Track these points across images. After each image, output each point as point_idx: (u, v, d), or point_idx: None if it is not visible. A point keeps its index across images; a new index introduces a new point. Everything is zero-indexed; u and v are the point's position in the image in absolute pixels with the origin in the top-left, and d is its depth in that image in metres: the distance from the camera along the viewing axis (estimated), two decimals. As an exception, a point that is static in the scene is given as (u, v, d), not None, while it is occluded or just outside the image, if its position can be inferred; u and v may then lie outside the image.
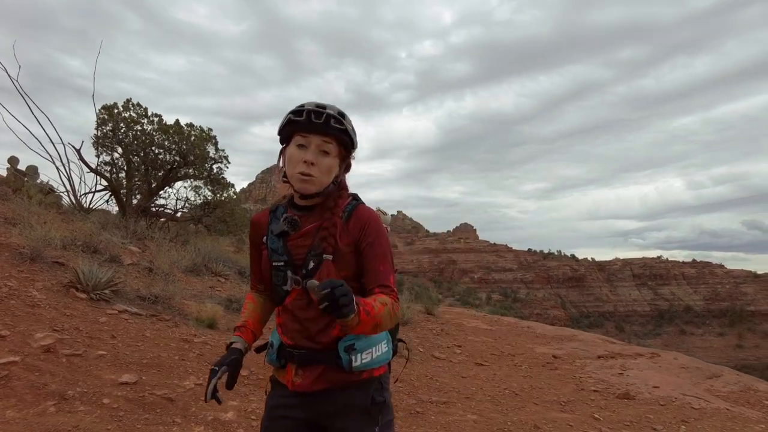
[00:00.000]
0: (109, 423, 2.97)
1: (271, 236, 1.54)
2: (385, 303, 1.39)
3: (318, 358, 1.47)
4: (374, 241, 1.49)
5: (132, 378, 3.60)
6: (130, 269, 6.58)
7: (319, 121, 1.44)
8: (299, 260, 1.48)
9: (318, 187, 1.48)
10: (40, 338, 3.68)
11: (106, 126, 10.18)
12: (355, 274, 1.50)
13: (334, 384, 1.47)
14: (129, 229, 8.65)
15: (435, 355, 6.81)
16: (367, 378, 1.50)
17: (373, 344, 1.49)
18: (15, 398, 2.91)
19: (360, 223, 1.50)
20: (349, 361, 1.45)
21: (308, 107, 1.45)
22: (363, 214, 1.52)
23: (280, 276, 1.51)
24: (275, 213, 1.59)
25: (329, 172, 1.49)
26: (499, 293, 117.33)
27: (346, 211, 1.52)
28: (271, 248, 1.53)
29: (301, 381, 1.49)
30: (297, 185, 1.47)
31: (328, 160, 1.48)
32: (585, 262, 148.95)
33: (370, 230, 1.50)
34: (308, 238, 1.49)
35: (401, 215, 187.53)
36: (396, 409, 4.33)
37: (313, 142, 1.45)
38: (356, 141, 1.54)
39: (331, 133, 1.45)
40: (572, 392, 5.64)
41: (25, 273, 4.96)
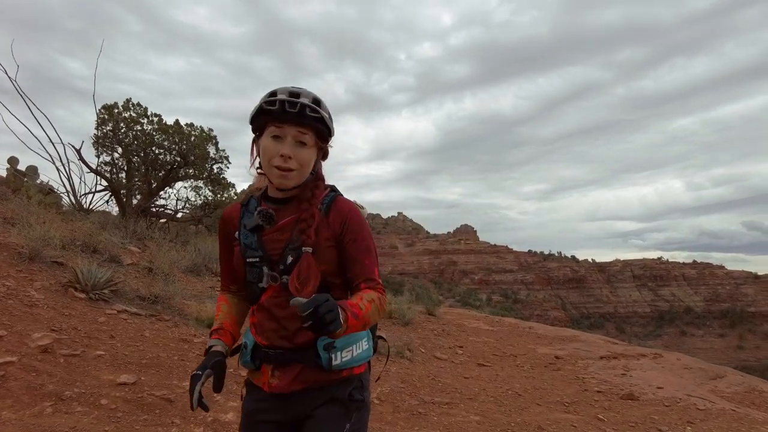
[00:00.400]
0: (107, 424, 2.93)
1: (243, 231, 1.46)
2: (372, 300, 1.36)
3: (295, 357, 1.41)
4: (357, 236, 1.44)
5: (131, 378, 3.56)
6: (129, 269, 6.54)
7: (293, 111, 1.35)
8: (275, 255, 1.41)
9: (297, 181, 1.42)
10: (38, 338, 3.63)
11: (106, 126, 10.14)
12: (336, 268, 1.44)
13: (313, 384, 1.41)
14: (129, 229, 8.61)
15: (437, 355, 6.75)
16: (347, 376, 1.45)
17: (354, 342, 1.44)
18: (11, 399, 2.86)
19: (341, 217, 1.44)
20: (328, 359, 1.39)
21: (281, 95, 1.36)
22: (343, 206, 1.46)
23: (255, 273, 1.43)
24: (247, 207, 1.50)
25: (308, 164, 1.42)
26: (500, 294, 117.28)
27: (325, 203, 1.45)
28: (245, 244, 1.45)
29: (278, 382, 1.42)
30: (275, 180, 1.40)
31: (305, 151, 1.40)
32: (585, 263, 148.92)
33: (353, 224, 1.44)
34: (285, 231, 1.42)
35: (401, 216, 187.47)
36: (398, 410, 4.28)
37: (288, 134, 1.37)
38: (333, 128, 1.46)
39: (307, 123, 1.37)
40: (576, 393, 5.59)
41: (23, 273, 4.91)
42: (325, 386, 1.42)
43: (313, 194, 1.44)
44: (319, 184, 1.48)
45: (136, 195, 10.48)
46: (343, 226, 1.43)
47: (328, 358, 1.39)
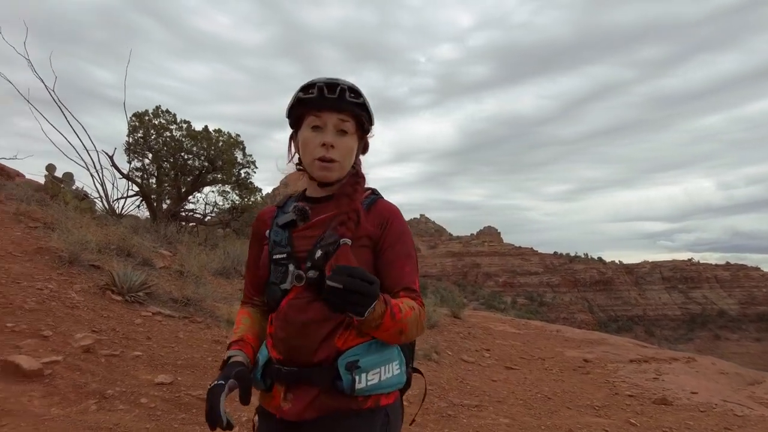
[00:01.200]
0: (148, 422, 3.03)
1: (275, 228, 1.34)
2: (412, 307, 1.20)
3: (312, 377, 1.20)
4: (399, 240, 1.30)
5: (167, 378, 3.67)
6: (161, 272, 6.72)
7: (333, 96, 1.25)
8: (303, 253, 1.26)
9: (340, 173, 1.31)
10: (80, 339, 3.77)
11: (137, 133, 10.43)
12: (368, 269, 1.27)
13: (330, 412, 1.19)
14: (160, 233, 8.83)
15: (464, 358, 6.74)
16: (372, 407, 1.21)
17: (383, 363, 1.22)
18: (59, 396, 2.99)
19: (381, 218, 1.30)
20: (351, 381, 1.17)
21: (319, 82, 1.27)
22: (385, 208, 1.33)
23: (280, 272, 1.27)
24: (283, 208, 1.39)
25: (350, 153, 1.32)
26: (525, 297, 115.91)
27: (365, 203, 1.32)
28: (274, 241, 1.32)
29: (289, 407, 1.20)
30: (317, 173, 1.29)
31: (347, 140, 1.30)
32: (612, 264, 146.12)
33: (394, 227, 1.30)
34: (318, 228, 1.27)
35: (423, 218, 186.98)
36: (427, 412, 4.30)
37: (329, 122, 1.27)
38: (373, 117, 1.36)
39: (347, 109, 1.28)
40: (606, 397, 5.52)
41: (64, 276, 5.10)
42: (344, 418, 1.19)
43: (354, 189, 1.32)
44: (360, 181, 1.36)
45: (166, 200, 10.74)
46: (383, 228, 1.29)
47: (351, 380, 1.17)
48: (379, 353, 1.22)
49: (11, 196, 7.36)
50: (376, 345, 1.23)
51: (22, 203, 7.07)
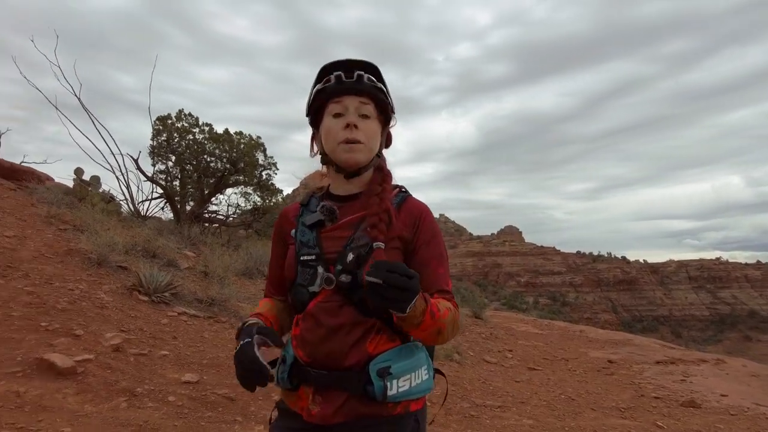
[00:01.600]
0: (176, 420, 3.09)
1: (301, 228, 1.29)
2: (449, 308, 1.18)
3: (343, 382, 1.17)
4: (431, 240, 1.26)
5: (194, 377, 3.74)
6: (186, 273, 6.84)
7: (351, 79, 1.23)
8: (333, 254, 1.22)
9: (366, 156, 1.26)
10: (110, 338, 3.87)
11: (160, 136, 10.64)
12: None
13: (360, 417, 1.17)
14: (184, 234, 9.00)
15: (486, 359, 6.71)
16: (402, 413, 1.19)
17: (413, 369, 1.20)
18: (91, 393, 3.08)
19: (412, 218, 1.27)
20: (383, 388, 1.14)
21: (335, 70, 1.24)
22: (416, 206, 1.30)
23: (308, 274, 1.23)
24: (308, 206, 1.34)
25: (374, 136, 1.28)
26: (547, 297, 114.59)
27: (395, 201, 1.28)
28: (301, 241, 1.27)
29: (318, 410, 1.18)
30: (342, 157, 1.25)
31: (370, 123, 1.27)
32: (636, 264, 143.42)
33: (426, 227, 1.27)
34: (347, 229, 1.24)
35: (443, 218, 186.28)
36: (450, 412, 4.29)
37: (350, 105, 1.25)
38: (393, 104, 1.33)
39: (367, 91, 1.25)
40: (631, 398, 5.43)
41: (93, 277, 5.24)
42: (374, 423, 1.18)
43: (383, 188, 1.27)
44: (387, 179, 1.31)
45: (189, 201, 10.93)
46: (415, 229, 1.26)
47: (383, 387, 1.15)
48: (409, 359, 1.20)
49: (42, 200, 7.58)
50: (406, 350, 1.22)
51: (52, 206, 7.28)
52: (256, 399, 3.64)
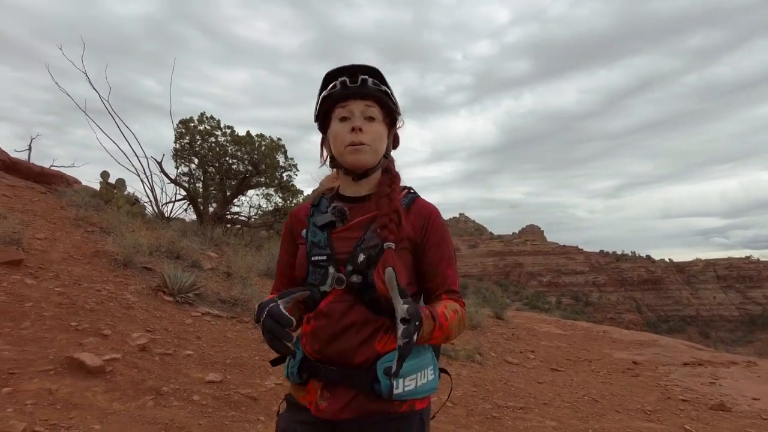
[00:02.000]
0: (200, 418, 3.15)
1: (312, 228, 1.32)
2: (456, 311, 1.23)
3: (351, 378, 1.21)
4: (440, 242, 1.30)
5: (217, 377, 3.80)
6: (209, 274, 6.95)
7: (355, 84, 1.26)
8: (344, 255, 1.25)
9: (373, 158, 1.29)
10: (136, 338, 3.96)
11: (183, 139, 10.82)
12: (408, 276, 1.27)
13: (366, 414, 1.20)
14: (207, 235, 9.13)
15: (508, 360, 6.66)
16: (407, 411, 1.23)
17: (419, 368, 1.23)
18: (119, 392, 3.15)
19: (422, 219, 1.30)
20: (389, 386, 1.18)
21: (340, 75, 1.28)
22: (425, 208, 1.33)
23: (319, 274, 1.26)
24: (318, 206, 1.37)
25: (380, 138, 1.30)
26: (570, 297, 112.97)
27: (404, 202, 1.31)
28: (312, 242, 1.30)
29: (326, 405, 1.21)
30: (349, 159, 1.28)
31: (375, 125, 1.29)
32: (662, 263, 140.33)
33: (435, 228, 1.30)
34: (357, 230, 1.27)
35: (463, 217, 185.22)
36: (472, 413, 4.27)
37: (356, 109, 1.28)
38: (398, 106, 1.35)
39: (372, 95, 1.28)
40: (657, 401, 5.32)
41: (119, 277, 5.36)
42: (381, 421, 1.21)
43: (392, 189, 1.30)
44: (395, 180, 1.34)
45: (212, 203, 11.09)
46: (424, 230, 1.29)
47: (389, 385, 1.18)
48: (416, 359, 1.22)
49: (71, 203, 7.78)
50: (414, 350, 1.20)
51: (80, 209, 7.47)
52: (279, 399, 3.67)
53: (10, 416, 2.60)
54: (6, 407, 2.70)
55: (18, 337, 3.46)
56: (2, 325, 3.53)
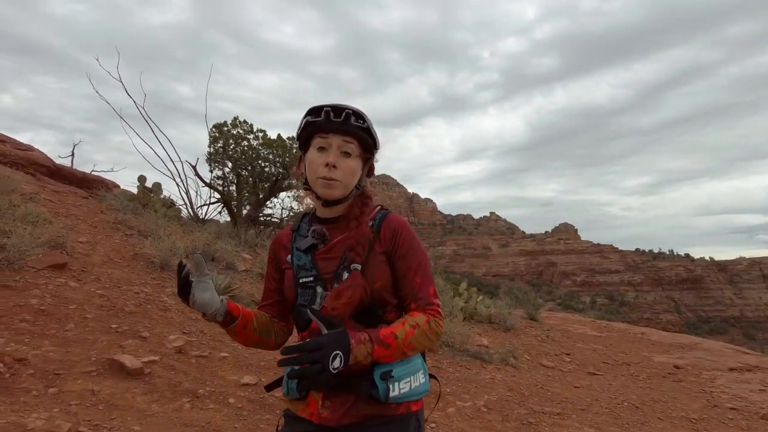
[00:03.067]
0: (236, 421, 3.18)
1: (296, 253, 1.43)
2: (416, 324, 1.30)
3: (350, 386, 1.30)
4: (407, 252, 1.38)
5: (252, 379, 3.84)
6: (243, 275, 7.05)
7: (338, 120, 1.34)
8: (329, 274, 1.36)
9: (342, 192, 1.38)
10: (173, 340, 4.04)
11: (217, 143, 11.02)
12: (391, 285, 1.37)
13: (366, 418, 1.30)
14: (240, 237, 9.28)
15: (543, 363, 6.51)
16: (404, 413, 1.34)
17: (412, 372, 1.34)
18: (157, 394, 3.22)
19: (391, 231, 1.39)
20: (386, 390, 1.28)
21: (326, 107, 1.36)
22: (393, 221, 1.42)
23: (308, 294, 1.37)
24: (298, 231, 1.48)
25: (353, 174, 1.39)
26: (605, 297, 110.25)
27: (376, 219, 1.41)
28: (298, 265, 1.41)
29: (328, 413, 1.30)
30: (320, 191, 1.38)
31: (350, 161, 1.38)
32: (702, 261, 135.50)
33: (402, 239, 1.39)
34: (338, 250, 1.38)
35: (494, 216, 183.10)
36: (507, 419, 4.19)
37: (333, 143, 1.36)
38: (378, 141, 1.44)
39: (352, 132, 1.36)
40: (703, 408, 5.11)
41: (157, 280, 5.49)
42: (379, 423, 1.31)
43: (361, 211, 1.41)
44: (367, 202, 1.45)
45: (245, 205, 11.26)
46: (393, 241, 1.39)
47: (386, 389, 1.28)
48: (407, 364, 1.34)
49: (110, 207, 8.03)
50: None
51: (119, 213, 7.69)
52: (313, 402, 3.68)
53: (56, 416, 2.68)
54: (53, 407, 2.79)
55: (63, 338, 3.57)
56: (49, 327, 3.65)
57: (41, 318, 3.73)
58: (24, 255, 4.49)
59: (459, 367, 5.50)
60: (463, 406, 4.32)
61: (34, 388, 2.93)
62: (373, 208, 1.44)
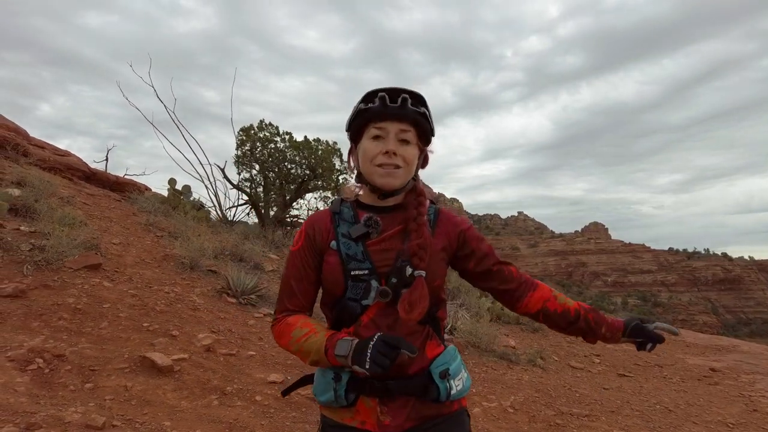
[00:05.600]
0: (263, 419, 3.24)
1: (343, 240, 1.28)
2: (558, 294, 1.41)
3: (407, 389, 1.22)
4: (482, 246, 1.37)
5: (279, 378, 3.89)
6: (271, 275, 7.15)
7: (395, 105, 1.23)
8: (384, 268, 1.24)
9: (402, 181, 1.28)
10: (202, 338, 4.13)
11: (244, 146, 11.22)
12: (442, 282, 1.32)
13: (428, 419, 1.24)
14: (268, 238, 9.42)
15: (571, 364, 6.40)
16: (458, 409, 1.30)
17: (462, 369, 1.33)
18: (187, 391, 3.30)
19: (451, 230, 1.34)
20: (447, 389, 1.24)
21: (381, 91, 1.25)
22: (449, 219, 1.36)
23: (360, 288, 1.24)
24: (341, 215, 1.33)
25: (412, 162, 1.28)
26: (637, 297, 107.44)
27: (431, 216, 1.34)
28: (347, 254, 1.26)
29: (390, 420, 1.21)
30: (379, 181, 1.26)
31: (409, 149, 1.27)
32: (741, 261, 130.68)
33: (469, 235, 1.36)
34: (393, 241, 1.26)
35: (522, 216, 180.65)
36: (534, 420, 4.14)
37: (391, 131, 1.25)
38: (434, 127, 1.33)
39: (410, 118, 1.25)
40: (741, 413, 4.94)
41: (186, 280, 5.62)
42: (440, 422, 1.25)
43: (418, 211, 1.29)
44: (422, 200, 1.33)
45: (272, 207, 11.43)
46: (458, 240, 1.35)
47: (447, 388, 1.24)
48: (457, 360, 1.32)
49: (142, 209, 8.26)
50: (453, 352, 1.34)
51: (150, 215, 7.91)
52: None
53: (92, 410, 2.78)
54: (88, 402, 2.90)
55: (98, 336, 3.70)
56: (85, 325, 3.79)
57: (78, 316, 3.87)
58: (62, 256, 4.67)
59: (485, 368, 5.46)
60: (489, 406, 4.29)
61: (72, 383, 3.05)
62: (425, 205, 1.33)
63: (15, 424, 2.41)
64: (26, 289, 3.98)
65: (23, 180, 6.50)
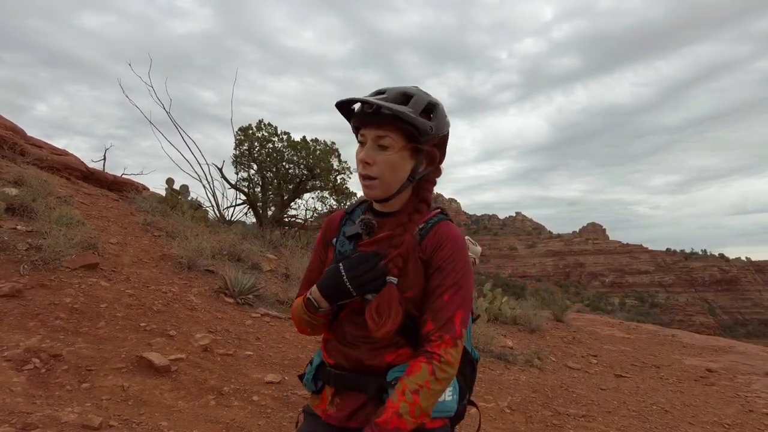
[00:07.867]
0: (260, 419, 3.24)
1: (341, 238, 1.33)
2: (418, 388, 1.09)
3: (360, 384, 1.20)
4: (446, 265, 1.19)
5: (276, 378, 3.89)
6: (268, 275, 7.15)
7: (369, 111, 1.20)
8: None
9: (383, 191, 1.23)
10: (199, 338, 4.13)
11: (242, 146, 11.21)
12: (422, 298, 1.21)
13: None
14: (266, 238, 9.41)
15: (569, 364, 6.42)
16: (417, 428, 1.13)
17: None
18: (184, 391, 3.30)
19: (436, 239, 1.22)
20: None
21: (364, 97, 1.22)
22: (443, 230, 1.24)
23: None
24: (351, 215, 1.38)
25: (392, 169, 1.21)
26: (634, 298, 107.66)
27: (427, 225, 1.25)
28: (340, 251, 1.31)
29: (334, 411, 1.22)
30: (363, 190, 1.27)
31: (387, 155, 1.21)
32: (738, 262, 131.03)
33: (445, 251, 1.20)
34: (381, 245, 1.25)
35: (520, 216, 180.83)
36: (531, 420, 4.15)
37: (368, 137, 1.23)
38: (426, 127, 1.20)
39: (386, 123, 1.19)
40: (737, 414, 4.95)
41: (184, 280, 5.62)
42: None
43: (409, 218, 1.25)
44: (421, 206, 1.28)
45: (270, 207, 11.42)
46: (434, 250, 1.21)
47: None
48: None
49: (140, 209, 8.25)
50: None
51: (148, 214, 7.89)
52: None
53: (88, 410, 2.77)
54: (85, 402, 2.89)
55: (95, 336, 3.70)
56: (82, 325, 3.78)
57: (75, 316, 3.86)
58: (59, 255, 4.67)
59: (482, 368, 5.47)
60: (486, 407, 4.29)
61: (68, 383, 3.04)
62: (425, 213, 1.28)
63: (11, 424, 2.41)
64: (23, 289, 3.98)
65: (21, 179, 6.49)
